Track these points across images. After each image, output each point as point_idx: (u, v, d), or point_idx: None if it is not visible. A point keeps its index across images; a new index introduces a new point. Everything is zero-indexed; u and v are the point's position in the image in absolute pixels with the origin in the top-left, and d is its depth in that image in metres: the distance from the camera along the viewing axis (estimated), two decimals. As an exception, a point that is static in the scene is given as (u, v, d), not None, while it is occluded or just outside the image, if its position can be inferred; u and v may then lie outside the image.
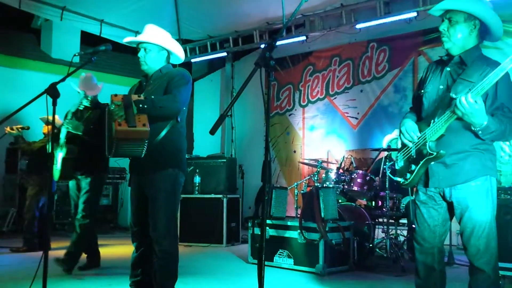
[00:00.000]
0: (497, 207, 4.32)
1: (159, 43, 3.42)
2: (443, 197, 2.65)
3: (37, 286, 2.88)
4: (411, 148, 2.69)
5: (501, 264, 4.27)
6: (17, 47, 9.61)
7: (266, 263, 2.21)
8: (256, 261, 5.26)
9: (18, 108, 2.95)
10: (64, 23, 8.40)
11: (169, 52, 3.53)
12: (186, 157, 3.53)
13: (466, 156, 2.55)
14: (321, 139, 9.05)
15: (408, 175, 2.69)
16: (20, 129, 6.26)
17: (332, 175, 6.01)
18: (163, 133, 3.26)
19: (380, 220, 5.95)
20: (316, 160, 6.23)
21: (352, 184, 5.77)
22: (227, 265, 5.59)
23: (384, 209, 5.49)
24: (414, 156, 2.66)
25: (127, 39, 3.57)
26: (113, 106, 3.09)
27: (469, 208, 2.54)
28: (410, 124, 2.69)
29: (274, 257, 5.30)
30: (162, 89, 3.32)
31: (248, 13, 8.51)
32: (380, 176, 5.92)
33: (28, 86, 8.47)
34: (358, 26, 7.96)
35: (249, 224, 5.79)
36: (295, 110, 9.57)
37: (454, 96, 2.46)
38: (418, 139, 2.64)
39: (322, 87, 9.16)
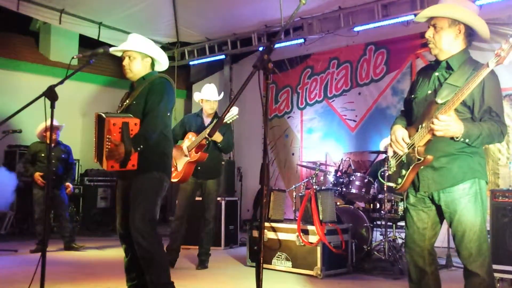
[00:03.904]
0: (495, 209, 4.43)
1: (143, 50, 3.48)
2: (432, 201, 2.67)
3: (35, 289, 2.88)
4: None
5: (499, 267, 4.30)
6: (15, 50, 9.60)
7: (264, 265, 2.21)
8: (254, 264, 5.25)
9: (16, 111, 2.95)
10: (63, 26, 8.40)
11: (153, 60, 3.58)
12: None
13: (453, 159, 2.57)
14: (319, 142, 9.06)
15: (399, 180, 2.71)
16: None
17: (331, 178, 6.02)
18: None
19: (378, 222, 5.96)
20: (315, 163, 6.23)
21: (350, 187, 5.78)
22: (225, 268, 5.58)
23: (382, 211, 5.50)
24: (405, 161, 2.69)
25: (113, 48, 3.59)
26: (110, 141, 3.09)
27: (458, 211, 2.55)
28: (400, 132, 2.70)
29: (272, 260, 5.30)
30: (144, 96, 3.39)
31: (246, 16, 8.53)
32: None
33: (26, 89, 8.47)
34: (356, 29, 7.99)
35: (248, 227, 5.79)
36: (293, 112, 9.58)
37: (439, 101, 2.51)
38: (408, 145, 2.66)
39: (320, 90, 9.18)
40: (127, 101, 3.44)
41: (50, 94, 2.84)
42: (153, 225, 3.34)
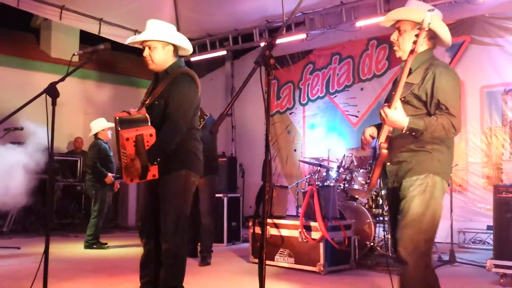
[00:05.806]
0: (498, 204, 4.40)
1: (162, 38, 3.30)
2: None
3: (37, 286, 2.87)
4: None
5: (502, 262, 4.29)
6: (16, 47, 9.60)
7: (267, 262, 2.21)
8: (257, 260, 5.25)
9: (17, 108, 2.94)
10: (63, 22, 8.39)
11: (175, 46, 3.38)
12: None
13: (413, 155, 2.67)
14: (322, 138, 9.04)
15: (369, 176, 2.82)
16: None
17: (333, 174, 6.01)
18: None
19: (381, 218, 5.95)
20: (317, 159, 6.22)
21: (353, 183, 5.76)
22: (228, 265, 5.58)
23: (385, 207, 5.49)
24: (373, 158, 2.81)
25: (130, 39, 3.46)
26: (125, 156, 3.03)
27: (406, 199, 2.63)
28: (367, 130, 2.90)
29: (275, 256, 5.29)
30: (165, 96, 3.26)
31: (247, 11, 8.50)
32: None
33: (27, 86, 8.46)
34: (358, 24, 7.95)
35: (250, 223, 5.79)
36: (296, 108, 9.55)
37: None
38: (377, 141, 2.77)
39: (322, 85, 9.15)
40: (149, 100, 3.31)
41: (51, 91, 2.82)
42: (184, 227, 3.31)
